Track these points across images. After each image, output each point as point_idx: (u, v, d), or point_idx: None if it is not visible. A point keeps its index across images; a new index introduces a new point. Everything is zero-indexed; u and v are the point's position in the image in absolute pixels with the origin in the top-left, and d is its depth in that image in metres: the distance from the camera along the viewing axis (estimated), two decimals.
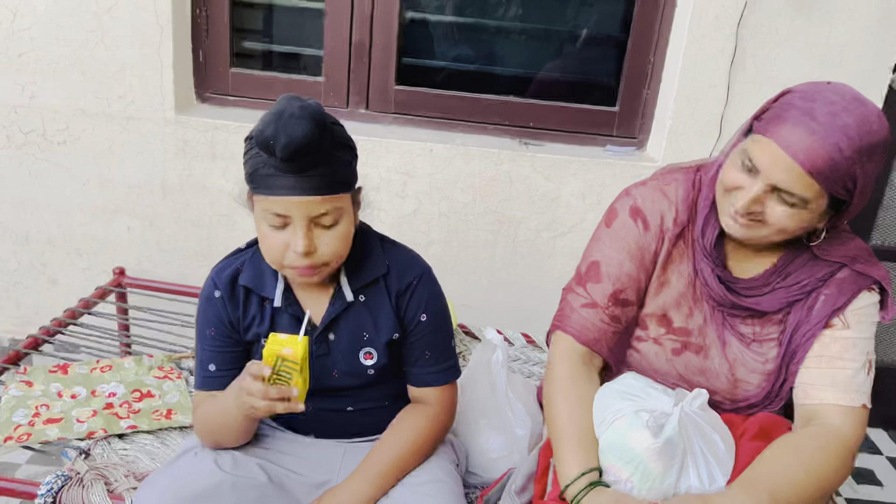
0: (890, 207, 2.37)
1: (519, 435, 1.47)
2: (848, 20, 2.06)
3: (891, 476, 2.43)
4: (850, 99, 1.07)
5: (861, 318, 1.19)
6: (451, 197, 2.27)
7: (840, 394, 1.16)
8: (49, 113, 2.23)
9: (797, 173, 1.06)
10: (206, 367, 1.29)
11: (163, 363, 1.83)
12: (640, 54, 2.26)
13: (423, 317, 1.31)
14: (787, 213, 1.11)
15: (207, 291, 1.29)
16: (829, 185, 1.06)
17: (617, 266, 1.26)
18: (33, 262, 2.42)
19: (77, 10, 2.12)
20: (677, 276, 1.27)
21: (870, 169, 1.08)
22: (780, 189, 1.09)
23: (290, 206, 1.13)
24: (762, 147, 1.09)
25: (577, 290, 1.29)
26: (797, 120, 1.06)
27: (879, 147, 1.07)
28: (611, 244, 1.27)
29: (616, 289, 1.25)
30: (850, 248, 1.21)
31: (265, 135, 1.08)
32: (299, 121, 1.07)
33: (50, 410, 1.61)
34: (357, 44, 2.25)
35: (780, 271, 1.22)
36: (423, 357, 1.32)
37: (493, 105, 2.33)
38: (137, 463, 1.48)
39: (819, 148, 1.04)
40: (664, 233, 1.26)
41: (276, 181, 1.12)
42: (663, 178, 1.31)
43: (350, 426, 1.36)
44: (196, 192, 2.29)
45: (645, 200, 1.28)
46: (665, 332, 1.27)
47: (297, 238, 1.14)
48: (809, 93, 1.08)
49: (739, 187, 1.13)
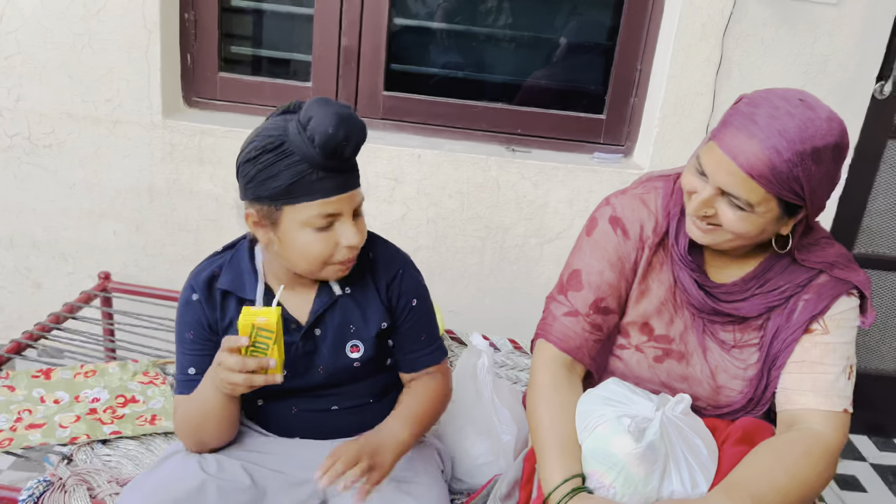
0: (873, 215, 2.40)
1: (505, 441, 1.47)
2: (832, 30, 2.08)
3: (875, 482, 2.44)
4: (797, 103, 1.07)
5: (840, 322, 1.20)
6: (440, 203, 2.28)
7: (821, 398, 1.17)
8: (35, 116, 2.22)
9: (739, 177, 1.08)
10: (186, 370, 1.29)
11: (148, 368, 1.82)
12: (627, 62, 2.27)
13: (414, 302, 1.34)
14: (736, 216, 1.12)
15: (185, 295, 1.29)
16: (772, 188, 1.07)
17: (597, 275, 1.27)
18: (17, 266, 2.40)
19: (65, 13, 2.11)
20: (658, 284, 1.28)
21: (817, 172, 1.07)
22: (727, 192, 1.10)
23: (342, 202, 1.17)
24: (709, 151, 1.12)
25: (559, 298, 1.30)
26: (739, 124, 1.08)
27: (827, 150, 1.07)
28: (591, 253, 1.28)
29: (597, 297, 1.26)
30: (828, 254, 1.22)
31: (338, 138, 1.11)
32: (354, 118, 1.14)
33: (32, 415, 1.60)
34: (346, 49, 2.26)
35: (758, 277, 1.23)
36: (419, 341, 1.36)
37: (481, 111, 2.34)
38: (121, 469, 1.47)
39: (758, 151, 1.05)
40: (644, 241, 1.27)
41: (328, 183, 1.15)
42: (643, 186, 1.32)
43: (335, 426, 1.36)
44: (183, 196, 2.29)
45: (624, 209, 1.28)
46: (647, 339, 1.28)
47: (350, 231, 1.19)
48: (756, 99, 1.10)
49: (694, 191, 1.16)
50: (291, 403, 1.33)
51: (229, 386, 1.14)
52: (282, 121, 1.16)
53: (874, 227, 2.43)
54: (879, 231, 2.44)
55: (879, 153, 2.31)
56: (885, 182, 2.36)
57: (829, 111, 1.09)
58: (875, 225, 2.42)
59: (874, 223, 2.42)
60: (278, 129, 1.15)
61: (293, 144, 1.13)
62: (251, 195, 1.18)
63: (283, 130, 1.14)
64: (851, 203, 2.34)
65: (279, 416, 1.35)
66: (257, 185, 1.15)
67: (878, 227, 2.43)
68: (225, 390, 1.16)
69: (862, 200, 2.37)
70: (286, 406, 1.33)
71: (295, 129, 1.13)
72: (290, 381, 1.29)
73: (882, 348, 2.58)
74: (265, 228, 1.20)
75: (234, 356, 1.11)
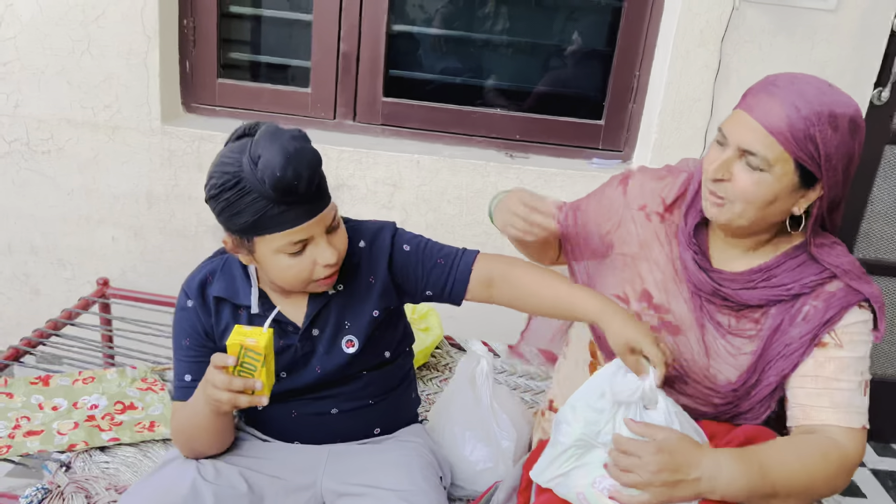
0: (871, 219, 2.40)
1: (504, 447, 1.47)
2: (829, 37, 2.09)
3: (874, 487, 2.44)
4: (815, 78, 1.14)
5: (854, 336, 1.18)
6: (439, 208, 2.28)
7: (841, 415, 1.15)
8: (34, 122, 2.21)
9: (759, 132, 1.11)
10: (182, 377, 1.28)
11: (146, 375, 1.81)
12: (625, 68, 2.28)
13: (406, 247, 1.32)
14: (752, 178, 1.13)
15: (181, 302, 1.30)
16: (789, 146, 1.09)
17: (585, 199, 1.43)
18: (16, 272, 2.40)
19: (63, 19, 2.11)
20: (663, 256, 1.30)
21: (833, 138, 1.09)
22: (745, 151, 1.12)
23: (311, 227, 1.16)
24: (730, 117, 1.17)
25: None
26: (760, 88, 1.15)
27: (844, 119, 1.10)
28: (597, 189, 1.44)
29: (577, 204, 1.42)
30: (843, 261, 1.20)
31: (287, 179, 1.08)
32: (305, 152, 1.11)
33: (31, 423, 1.59)
34: (345, 55, 2.26)
35: (764, 271, 1.22)
36: (440, 266, 1.32)
37: (480, 117, 2.34)
38: (119, 476, 1.47)
39: (777, 108, 1.10)
40: (644, 208, 1.33)
41: (291, 214, 1.13)
42: (670, 167, 1.39)
43: (336, 430, 1.35)
44: (182, 202, 2.28)
45: (637, 175, 1.38)
46: (646, 306, 1.29)
47: (325, 252, 1.18)
48: (780, 74, 1.17)
49: (714, 160, 1.17)
50: (291, 407, 1.33)
51: (215, 403, 1.14)
52: (238, 151, 1.13)
53: (873, 232, 2.43)
54: (878, 236, 2.44)
55: (878, 158, 2.31)
56: (884, 187, 2.37)
57: (845, 94, 1.14)
58: (873, 230, 2.43)
59: (872, 228, 2.42)
60: (234, 164, 1.12)
61: (248, 182, 1.10)
62: (223, 227, 1.19)
63: (239, 165, 1.11)
64: (850, 208, 2.35)
65: (278, 420, 1.34)
66: (225, 220, 1.16)
67: (876, 231, 2.43)
68: (211, 406, 1.16)
69: (860, 205, 2.37)
70: (285, 409, 1.33)
71: (248, 165, 1.10)
72: (289, 382, 1.29)
73: (879, 353, 2.59)
74: (243, 254, 1.21)
75: (221, 374, 1.11)
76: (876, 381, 2.57)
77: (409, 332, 1.45)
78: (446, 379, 1.92)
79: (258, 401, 1.12)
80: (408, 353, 1.46)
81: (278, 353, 1.24)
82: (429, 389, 1.87)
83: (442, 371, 1.96)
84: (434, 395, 1.84)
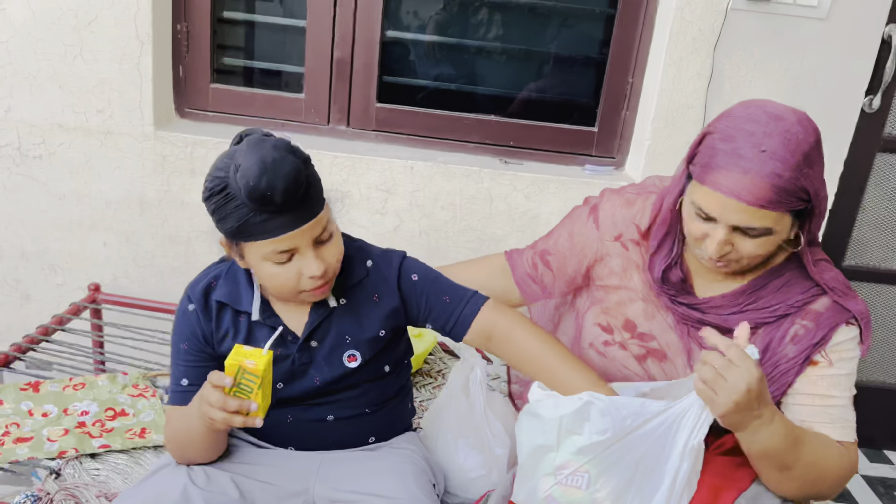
0: (862, 227, 2.42)
1: (497, 454, 1.46)
2: (821, 45, 2.10)
3: (865, 493, 2.45)
4: (766, 121, 1.08)
5: (843, 353, 1.19)
6: (432, 214, 2.28)
7: (838, 430, 1.17)
8: (25, 127, 2.20)
9: (749, 212, 1.08)
10: (179, 381, 1.28)
11: (137, 381, 1.80)
12: (618, 75, 2.28)
13: (414, 276, 1.32)
14: (756, 243, 1.13)
15: (182, 306, 1.29)
16: (783, 207, 1.08)
17: (555, 238, 1.44)
18: (6, 277, 2.38)
19: (56, 23, 2.10)
20: (641, 283, 1.29)
21: (814, 173, 1.10)
22: (741, 227, 1.11)
23: (295, 238, 1.14)
24: (707, 196, 1.12)
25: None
26: (727, 163, 1.08)
27: (814, 150, 1.09)
28: (562, 224, 1.46)
29: (545, 248, 1.45)
30: (827, 277, 1.21)
31: (261, 189, 1.07)
32: (283, 162, 1.08)
33: (20, 429, 1.58)
34: (338, 61, 2.26)
35: (749, 293, 1.23)
36: (445, 304, 1.31)
37: (473, 124, 2.34)
38: (109, 483, 1.46)
39: (759, 181, 1.06)
40: (619, 237, 1.33)
41: (275, 223, 1.12)
42: (639, 189, 1.37)
43: (331, 437, 1.35)
44: (174, 207, 2.28)
45: (606, 204, 1.37)
46: (630, 336, 1.29)
47: (311, 263, 1.16)
48: (727, 131, 1.10)
49: (705, 236, 1.15)
50: (287, 412, 1.32)
51: (209, 421, 1.14)
52: (229, 157, 1.13)
53: (864, 240, 2.44)
54: (869, 243, 2.45)
55: (868, 166, 2.32)
56: (875, 195, 2.38)
57: (793, 113, 1.10)
58: (865, 237, 2.44)
59: (864, 235, 2.44)
60: (224, 170, 1.12)
61: (232, 189, 1.11)
62: (217, 229, 1.19)
63: (227, 171, 1.12)
64: (841, 216, 2.36)
65: (274, 425, 1.33)
66: (216, 222, 1.17)
67: (867, 239, 2.44)
68: (204, 422, 1.15)
69: (852, 213, 2.38)
70: (281, 415, 1.32)
71: (232, 172, 1.10)
72: (286, 391, 1.29)
73: (871, 360, 2.60)
74: (236, 257, 1.22)
75: (217, 393, 1.10)
76: (868, 388, 2.60)
77: (409, 345, 1.45)
78: (439, 386, 1.91)
79: (253, 422, 1.12)
80: (406, 365, 1.46)
81: (275, 363, 1.23)
82: (422, 396, 1.86)
83: (435, 378, 1.96)
84: (427, 401, 1.83)
